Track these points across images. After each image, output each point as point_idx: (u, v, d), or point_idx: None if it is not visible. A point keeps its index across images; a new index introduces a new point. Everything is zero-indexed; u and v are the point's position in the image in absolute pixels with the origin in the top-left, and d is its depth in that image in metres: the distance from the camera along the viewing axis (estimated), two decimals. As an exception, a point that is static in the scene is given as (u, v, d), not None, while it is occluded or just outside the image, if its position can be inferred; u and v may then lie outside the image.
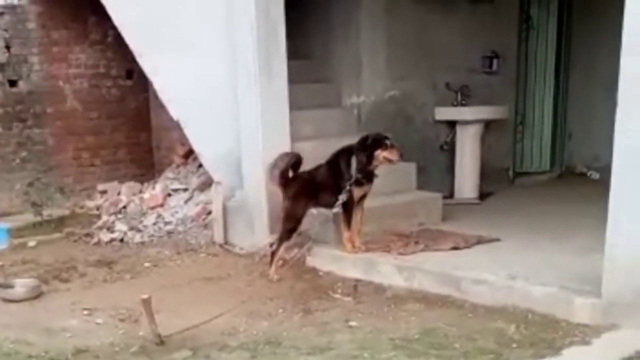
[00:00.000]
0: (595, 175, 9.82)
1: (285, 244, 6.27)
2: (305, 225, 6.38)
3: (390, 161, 6.14)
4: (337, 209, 6.11)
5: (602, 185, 8.43)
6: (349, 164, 6.13)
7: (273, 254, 6.29)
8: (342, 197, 6.05)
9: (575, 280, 5.21)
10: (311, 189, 6.31)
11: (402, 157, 6.25)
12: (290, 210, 6.27)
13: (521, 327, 4.83)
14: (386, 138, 6.17)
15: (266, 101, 6.88)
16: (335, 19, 8.24)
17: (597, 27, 9.66)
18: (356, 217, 6.27)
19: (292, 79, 7.07)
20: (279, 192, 6.42)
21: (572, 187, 9.49)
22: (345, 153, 6.24)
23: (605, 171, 8.96)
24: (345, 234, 6.27)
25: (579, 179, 9.95)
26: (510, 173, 9.66)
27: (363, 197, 6.24)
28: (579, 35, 10.06)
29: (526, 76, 9.93)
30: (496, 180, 9.09)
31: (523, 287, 5.27)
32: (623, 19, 4.55)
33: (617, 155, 4.67)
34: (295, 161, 6.41)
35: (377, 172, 6.21)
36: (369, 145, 6.11)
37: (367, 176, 6.15)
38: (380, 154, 6.08)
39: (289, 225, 6.25)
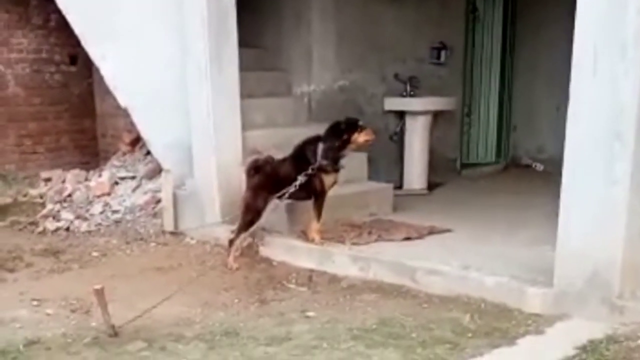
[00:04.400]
0: (540, 167, 10.01)
1: (243, 235, 6.19)
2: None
3: (367, 142, 6.22)
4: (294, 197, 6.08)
5: (547, 177, 8.64)
6: (315, 155, 6.07)
7: (231, 242, 6.20)
8: (301, 179, 5.96)
9: (526, 271, 5.26)
10: (274, 182, 6.15)
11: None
12: (250, 202, 6.16)
13: (475, 317, 4.86)
14: (358, 121, 6.23)
15: (217, 90, 6.83)
16: (287, 11, 8.20)
17: (540, 21, 9.83)
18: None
19: (244, 67, 7.03)
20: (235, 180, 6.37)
21: (517, 178, 9.63)
22: (311, 143, 6.17)
23: (549, 163, 9.23)
24: (314, 225, 6.21)
25: (524, 171, 10.10)
26: (458, 164, 9.74)
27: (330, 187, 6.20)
28: (523, 29, 10.17)
29: (472, 68, 10.00)
30: (444, 171, 9.17)
31: (476, 277, 5.31)
32: (566, 14, 4.59)
33: (568, 147, 4.70)
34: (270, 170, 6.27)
35: (343, 161, 6.19)
36: (345, 130, 6.11)
37: (334, 162, 6.12)
38: (357, 137, 6.10)
39: (249, 217, 6.14)
